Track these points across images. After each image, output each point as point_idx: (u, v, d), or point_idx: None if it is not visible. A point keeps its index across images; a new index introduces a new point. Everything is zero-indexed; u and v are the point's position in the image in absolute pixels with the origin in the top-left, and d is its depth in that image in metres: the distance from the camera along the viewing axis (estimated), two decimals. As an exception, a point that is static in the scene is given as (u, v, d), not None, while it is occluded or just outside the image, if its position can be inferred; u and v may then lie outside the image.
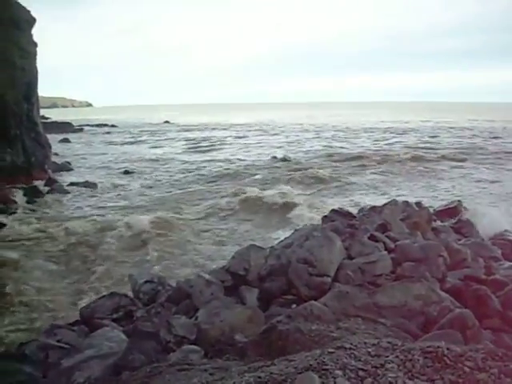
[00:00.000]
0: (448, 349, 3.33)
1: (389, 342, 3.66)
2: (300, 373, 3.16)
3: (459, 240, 9.96)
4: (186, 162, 34.25)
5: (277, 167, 30.42)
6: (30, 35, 26.95)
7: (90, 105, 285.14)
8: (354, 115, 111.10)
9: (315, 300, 6.11)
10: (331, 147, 41.73)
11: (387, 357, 3.33)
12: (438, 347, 3.34)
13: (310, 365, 3.25)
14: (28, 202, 21.25)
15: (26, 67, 25.50)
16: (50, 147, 28.56)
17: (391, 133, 57.53)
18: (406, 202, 12.19)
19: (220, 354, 5.21)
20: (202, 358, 5.36)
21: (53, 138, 38.20)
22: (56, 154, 33.88)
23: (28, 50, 26.19)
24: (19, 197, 21.74)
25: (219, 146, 45.28)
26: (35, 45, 27.20)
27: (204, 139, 52.78)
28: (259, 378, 3.28)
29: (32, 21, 27.15)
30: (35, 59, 27.09)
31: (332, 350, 3.51)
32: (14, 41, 24.94)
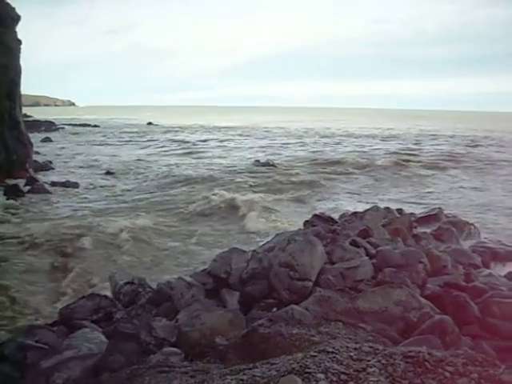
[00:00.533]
0: (429, 354, 3.36)
1: (370, 347, 3.68)
2: (283, 376, 3.17)
3: (439, 247, 10.05)
4: (168, 164, 34.08)
5: (259, 171, 30.38)
6: (15, 32, 26.73)
7: (72, 104, 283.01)
8: (338, 121, 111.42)
9: (296, 304, 6.12)
10: (315, 152, 41.82)
11: (369, 361, 3.35)
12: (420, 352, 3.37)
13: (293, 368, 3.26)
14: (8, 201, 21.04)
15: (9, 65, 25.27)
16: (32, 146, 28.30)
17: (375, 139, 57.89)
18: (388, 208, 12.30)
19: (200, 357, 5.20)
20: (182, 360, 5.35)
21: (35, 137, 37.93)
22: (37, 153, 33.60)
23: (12, 48, 25.94)
24: (-1, 195, 21.57)
25: (202, 149, 45.14)
26: (19, 42, 26.98)
27: (187, 141, 52.66)
28: (241, 380, 3.28)
29: (17, 18, 26.94)
30: (19, 57, 26.86)
31: (314, 354, 3.52)
32: (-3, 38, 24.76)
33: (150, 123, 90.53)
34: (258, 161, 34.34)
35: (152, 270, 12.88)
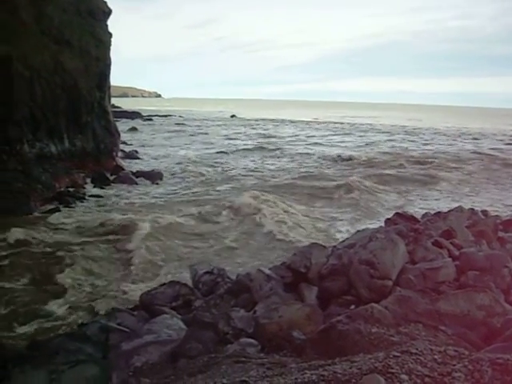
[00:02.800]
0: (518, 362, 3.20)
1: (456, 351, 3.55)
2: (365, 374, 3.11)
3: (526, 251, 9.64)
4: (253, 159, 34.22)
5: (338, 168, 30.12)
6: (106, 25, 27.59)
7: (159, 96, 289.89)
8: (423, 119, 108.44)
9: (375, 303, 6.01)
10: (401, 149, 41.07)
11: (454, 365, 3.22)
12: (508, 360, 3.21)
13: (375, 367, 3.19)
14: (94, 189, 21.76)
15: (100, 57, 26.12)
16: (119, 135, 29.17)
17: (462, 137, 56.30)
18: (472, 209, 11.89)
19: (277, 350, 5.19)
20: (258, 351, 5.36)
21: (122, 127, 39.01)
22: (124, 143, 34.62)
23: (103, 40, 26.80)
24: (87, 183, 22.31)
25: (286, 143, 45.10)
26: (110, 35, 27.81)
27: (270, 135, 53.02)
28: (322, 376, 3.23)
29: (108, 11, 27.79)
30: (109, 49, 27.67)
31: (397, 354, 3.43)
32: (90, 31, 25.64)
33: (233, 116, 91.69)
34: (339, 156, 34.53)
35: (229, 261, 13.00)
